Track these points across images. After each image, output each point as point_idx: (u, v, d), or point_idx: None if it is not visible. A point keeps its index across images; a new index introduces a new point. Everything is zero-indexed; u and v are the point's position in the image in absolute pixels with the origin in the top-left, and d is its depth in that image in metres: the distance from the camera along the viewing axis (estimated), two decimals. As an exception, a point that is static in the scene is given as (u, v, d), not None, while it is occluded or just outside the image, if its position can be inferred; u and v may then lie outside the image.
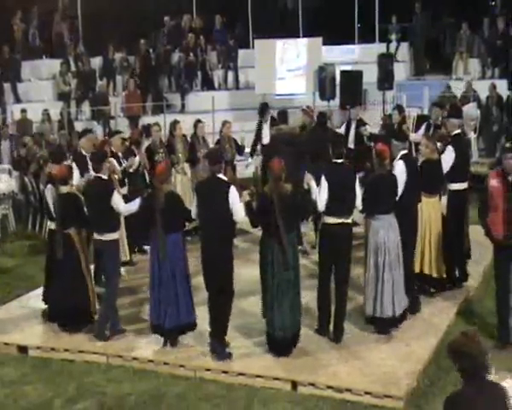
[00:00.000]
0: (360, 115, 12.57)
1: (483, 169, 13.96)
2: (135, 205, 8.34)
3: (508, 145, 7.86)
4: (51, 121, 17.60)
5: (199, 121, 12.40)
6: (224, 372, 7.49)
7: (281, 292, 7.43)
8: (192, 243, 9.82)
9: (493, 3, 20.79)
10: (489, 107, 16.81)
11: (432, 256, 8.92)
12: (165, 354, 7.88)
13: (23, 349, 8.40)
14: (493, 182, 7.62)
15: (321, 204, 7.72)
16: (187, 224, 8.42)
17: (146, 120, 16.89)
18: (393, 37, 20.41)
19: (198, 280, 8.00)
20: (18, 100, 19.21)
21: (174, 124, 12.27)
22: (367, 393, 6.91)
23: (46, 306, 8.97)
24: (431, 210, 8.84)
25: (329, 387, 7.08)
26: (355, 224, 8.52)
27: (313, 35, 19.04)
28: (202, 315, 7.90)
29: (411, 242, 8.41)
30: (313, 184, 7.81)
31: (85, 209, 8.42)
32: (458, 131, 9.58)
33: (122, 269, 10.64)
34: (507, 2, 19.36)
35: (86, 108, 19.41)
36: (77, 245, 8.41)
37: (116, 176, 10.02)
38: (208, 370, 7.57)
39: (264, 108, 12.97)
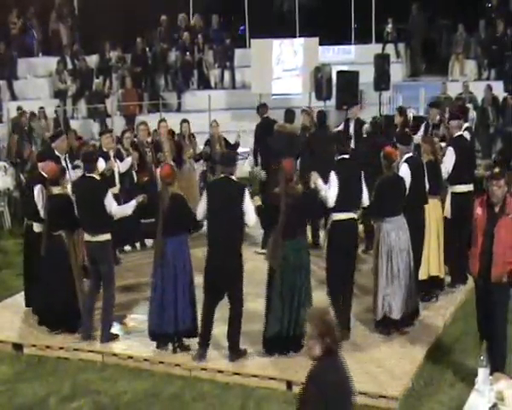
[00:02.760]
0: (358, 115, 12.51)
1: (479, 171, 13.95)
2: (129, 208, 8.29)
3: (496, 170, 7.32)
4: (47, 119, 17.57)
5: (184, 121, 12.38)
6: (220, 372, 7.50)
7: (291, 294, 7.38)
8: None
9: (489, 5, 20.81)
10: (485, 108, 16.82)
11: (437, 257, 8.94)
12: (160, 354, 7.88)
13: (18, 347, 8.40)
14: (478, 210, 6.81)
15: (331, 200, 7.74)
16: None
17: (142, 118, 16.84)
18: (389, 28, 20.37)
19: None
20: (14, 97, 19.18)
21: (159, 123, 12.18)
22: (362, 393, 6.89)
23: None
24: (431, 211, 8.83)
25: (324, 387, 7.09)
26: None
27: (310, 35, 19.04)
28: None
29: (417, 244, 8.31)
30: (320, 182, 7.85)
31: (76, 209, 8.27)
32: (460, 132, 9.58)
33: None
34: (503, 3, 19.40)
35: (82, 106, 19.38)
36: (67, 247, 8.31)
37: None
38: (204, 369, 7.57)
39: (259, 107, 12.97)
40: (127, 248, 11.45)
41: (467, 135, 10.03)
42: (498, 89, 17.19)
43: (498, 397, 5.41)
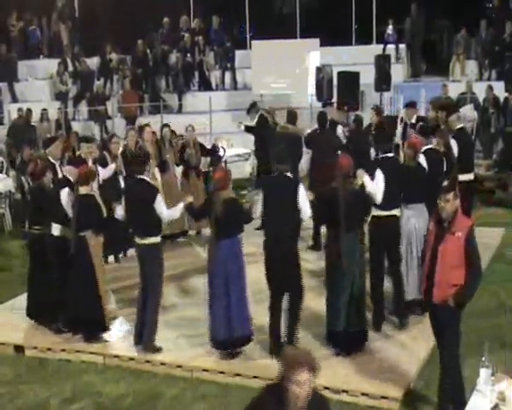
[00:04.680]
0: (332, 116, 12.50)
1: (480, 171, 14.01)
2: (177, 211, 8.27)
3: (445, 183, 7.26)
4: (49, 121, 17.58)
5: (165, 125, 12.35)
6: (221, 373, 7.50)
7: (346, 288, 7.42)
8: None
9: (490, 5, 20.79)
10: (486, 108, 16.82)
11: None
12: (161, 355, 7.87)
13: (19, 349, 8.40)
14: (430, 225, 6.31)
15: (380, 196, 7.91)
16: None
17: (143, 120, 16.86)
18: (389, 29, 20.38)
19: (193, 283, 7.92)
20: (15, 100, 19.19)
21: (143, 127, 12.03)
22: (363, 394, 6.93)
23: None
24: None
25: (326, 388, 7.06)
26: None
27: (310, 36, 19.06)
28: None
29: None
30: (367, 178, 7.92)
31: (125, 211, 8.10)
32: (461, 125, 10.12)
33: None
34: (504, 3, 19.39)
35: (83, 108, 19.39)
36: (91, 249, 8.16)
37: None
38: (205, 370, 7.57)
39: (251, 107, 12.98)
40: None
41: None
42: (499, 89, 17.18)
43: (500, 398, 5.39)
